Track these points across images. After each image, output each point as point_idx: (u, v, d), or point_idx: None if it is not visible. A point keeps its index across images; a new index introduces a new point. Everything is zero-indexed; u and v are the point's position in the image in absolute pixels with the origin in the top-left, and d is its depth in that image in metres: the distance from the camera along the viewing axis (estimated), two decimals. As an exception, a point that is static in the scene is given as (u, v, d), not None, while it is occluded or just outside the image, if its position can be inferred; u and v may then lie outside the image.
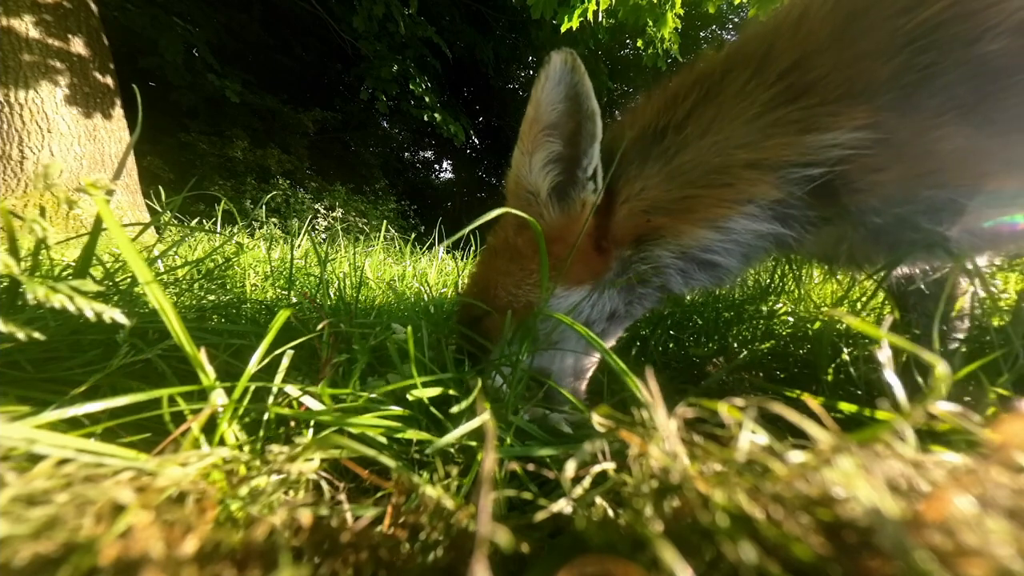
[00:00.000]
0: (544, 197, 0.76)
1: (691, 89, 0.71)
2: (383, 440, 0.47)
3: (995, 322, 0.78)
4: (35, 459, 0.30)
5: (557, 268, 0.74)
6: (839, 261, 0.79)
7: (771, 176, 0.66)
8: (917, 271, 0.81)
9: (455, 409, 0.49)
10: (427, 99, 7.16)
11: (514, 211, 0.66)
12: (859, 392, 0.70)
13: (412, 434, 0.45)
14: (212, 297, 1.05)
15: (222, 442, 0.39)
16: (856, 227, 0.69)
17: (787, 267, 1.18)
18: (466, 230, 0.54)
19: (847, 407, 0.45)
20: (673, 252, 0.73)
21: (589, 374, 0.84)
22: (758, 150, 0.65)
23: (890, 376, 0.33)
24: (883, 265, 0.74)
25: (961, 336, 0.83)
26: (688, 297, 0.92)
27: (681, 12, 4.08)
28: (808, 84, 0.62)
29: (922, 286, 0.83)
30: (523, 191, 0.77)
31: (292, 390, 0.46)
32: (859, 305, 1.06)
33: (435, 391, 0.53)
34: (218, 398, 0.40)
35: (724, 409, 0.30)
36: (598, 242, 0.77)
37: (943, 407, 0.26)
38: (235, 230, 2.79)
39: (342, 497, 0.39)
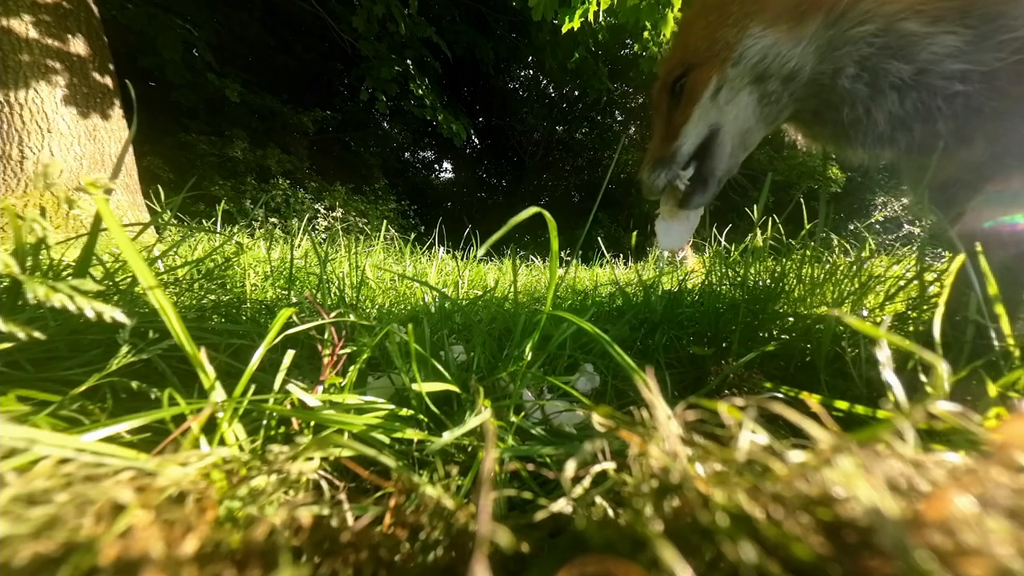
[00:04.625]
0: None
1: None
2: (384, 439, 0.47)
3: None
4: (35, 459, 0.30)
5: (757, 3, 0.74)
6: (980, 185, 0.75)
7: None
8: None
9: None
10: (428, 100, 7.16)
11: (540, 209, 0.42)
12: (861, 392, 0.69)
13: (412, 434, 0.45)
14: (212, 297, 1.05)
15: (222, 442, 0.39)
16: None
17: (786, 267, 1.18)
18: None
19: (847, 406, 0.45)
20: (872, 32, 0.70)
21: (754, 146, 0.89)
22: None
23: (890, 376, 0.33)
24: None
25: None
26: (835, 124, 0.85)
27: (680, 15, 4.09)
28: None
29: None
30: None
31: (294, 389, 0.46)
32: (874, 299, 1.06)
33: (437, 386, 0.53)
34: (218, 398, 0.40)
35: (724, 409, 0.30)
36: None
37: (943, 407, 0.26)
38: (235, 230, 2.80)
39: (342, 497, 0.39)
